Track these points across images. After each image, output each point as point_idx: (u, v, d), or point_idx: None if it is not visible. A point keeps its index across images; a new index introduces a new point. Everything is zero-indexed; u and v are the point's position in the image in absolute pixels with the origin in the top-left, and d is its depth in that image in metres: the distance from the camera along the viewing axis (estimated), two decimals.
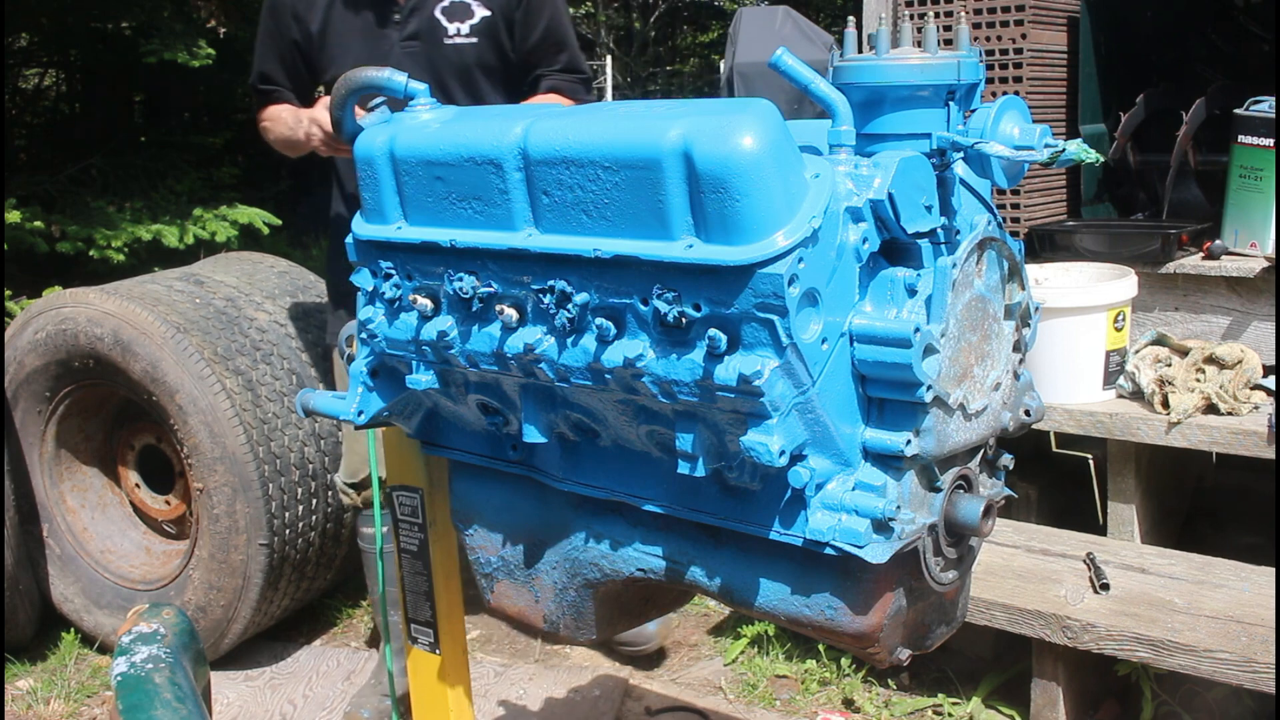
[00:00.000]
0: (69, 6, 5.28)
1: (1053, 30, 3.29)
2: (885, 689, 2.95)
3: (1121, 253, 3.06)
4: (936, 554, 1.33)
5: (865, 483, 1.25)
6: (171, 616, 1.47)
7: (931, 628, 1.43)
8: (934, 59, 1.28)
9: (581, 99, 2.64)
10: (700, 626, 3.36)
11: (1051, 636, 2.52)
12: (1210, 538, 3.09)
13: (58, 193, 4.96)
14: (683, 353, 1.23)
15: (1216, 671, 2.34)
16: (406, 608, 1.85)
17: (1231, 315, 2.98)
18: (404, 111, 1.55)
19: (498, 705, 2.98)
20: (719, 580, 1.40)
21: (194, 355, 2.98)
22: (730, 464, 1.30)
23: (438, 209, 1.43)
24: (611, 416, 1.38)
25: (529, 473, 1.55)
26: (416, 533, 1.80)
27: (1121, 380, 2.91)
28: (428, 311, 1.45)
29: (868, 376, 1.25)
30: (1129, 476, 2.88)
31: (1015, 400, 1.40)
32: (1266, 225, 2.92)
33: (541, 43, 2.63)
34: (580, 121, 1.30)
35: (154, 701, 0.98)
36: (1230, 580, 2.61)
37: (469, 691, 1.88)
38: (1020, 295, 1.38)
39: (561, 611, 1.60)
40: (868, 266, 1.24)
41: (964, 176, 1.31)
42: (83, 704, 3.10)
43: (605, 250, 1.26)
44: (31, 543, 3.32)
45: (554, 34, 2.64)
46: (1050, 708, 2.62)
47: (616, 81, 15.27)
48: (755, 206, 1.16)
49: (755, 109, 1.19)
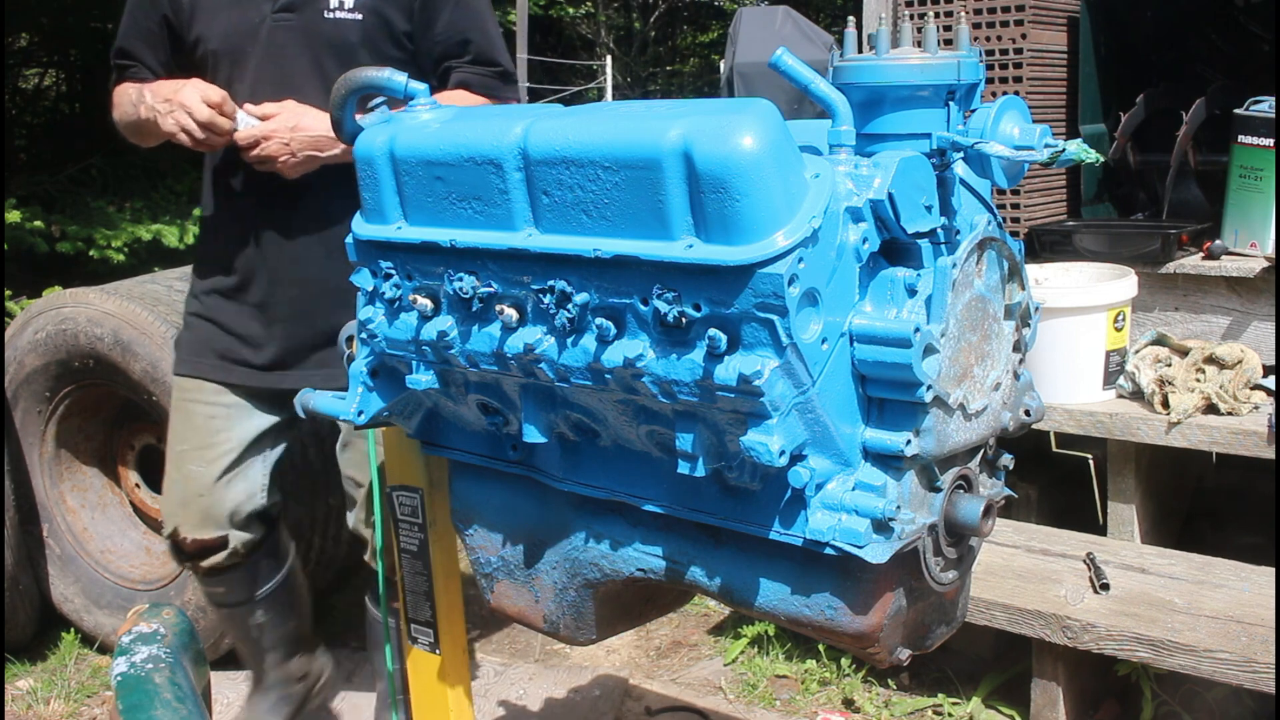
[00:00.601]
0: (69, 6, 5.28)
1: (1053, 30, 3.29)
2: (885, 689, 2.95)
3: (1121, 253, 3.06)
4: (936, 554, 1.33)
5: (865, 483, 1.25)
6: (171, 616, 1.47)
7: (931, 628, 1.43)
8: (934, 59, 1.28)
9: (499, 95, 2.36)
10: (700, 626, 3.37)
11: (1051, 636, 2.52)
12: (1210, 538, 3.09)
13: (58, 193, 4.96)
14: (683, 353, 1.23)
15: (1216, 671, 2.34)
16: (406, 608, 1.85)
17: (1231, 315, 2.98)
18: (404, 111, 1.55)
19: (498, 705, 2.98)
20: (719, 580, 1.40)
21: None
22: (730, 464, 1.30)
23: (438, 209, 1.43)
24: (611, 416, 1.38)
25: (529, 473, 1.55)
26: (416, 533, 1.80)
27: (1121, 380, 2.91)
28: (428, 311, 1.45)
29: (868, 376, 1.25)
30: (1129, 476, 2.88)
31: (1015, 400, 1.40)
32: (1266, 225, 2.92)
33: (446, 31, 2.34)
34: (580, 121, 1.30)
35: (154, 701, 0.98)
36: (1230, 580, 2.61)
37: (469, 691, 1.88)
38: (1020, 295, 1.38)
39: (561, 611, 1.60)
40: (868, 266, 1.24)
41: (964, 176, 1.31)
42: (83, 704, 3.10)
43: (605, 250, 1.26)
44: (31, 543, 3.32)
45: (460, 21, 2.35)
46: (1050, 708, 2.62)
47: (616, 81, 15.25)
48: (755, 206, 1.16)
49: (755, 109, 1.19)
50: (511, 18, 12.98)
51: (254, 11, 2.27)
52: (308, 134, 2.19)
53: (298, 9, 2.26)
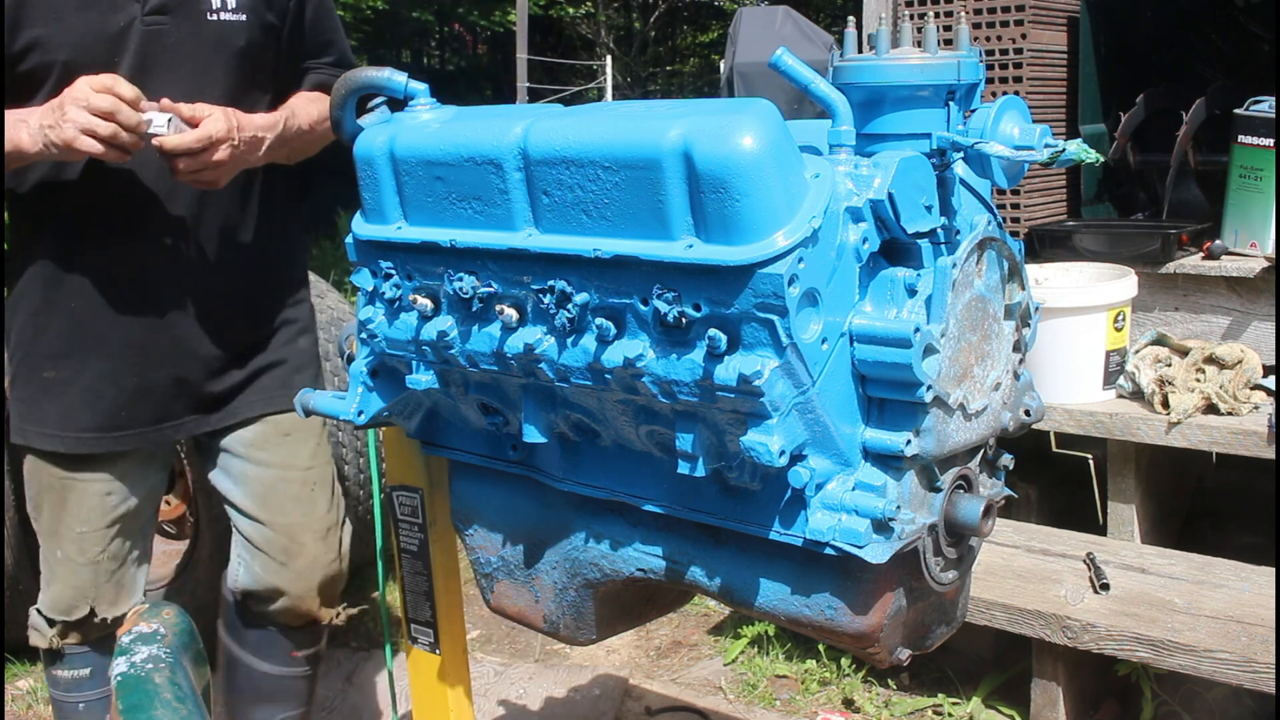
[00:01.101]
0: None
1: (1053, 30, 3.29)
2: (885, 689, 2.95)
3: (1121, 253, 3.06)
4: (936, 554, 1.33)
5: (865, 483, 1.25)
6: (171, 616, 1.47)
7: (931, 628, 1.43)
8: (934, 59, 1.28)
9: None
10: (700, 626, 3.37)
11: (1051, 636, 2.52)
12: (1210, 538, 3.09)
13: None
14: (683, 353, 1.23)
15: (1216, 671, 2.34)
16: (406, 608, 1.85)
17: (1231, 315, 2.98)
18: (404, 111, 1.55)
19: (498, 705, 2.98)
20: (719, 580, 1.40)
21: None
22: (730, 464, 1.30)
23: (438, 209, 1.43)
24: (611, 416, 1.38)
25: (529, 473, 1.55)
26: (416, 533, 1.80)
27: (1121, 380, 2.91)
28: (428, 311, 1.45)
29: (868, 376, 1.25)
30: (1129, 476, 2.88)
31: (1015, 400, 1.40)
32: (1266, 225, 2.92)
33: (313, 31, 2.20)
34: (580, 121, 1.30)
35: (154, 701, 0.98)
36: (1230, 580, 2.61)
37: (469, 691, 1.88)
38: (1020, 295, 1.38)
39: (561, 611, 1.60)
40: (868, 266, 1.24)
41: (964, 176, 1.31)
42: None
43: (605, 250, 1.26)
44: (32, 543, 3.31)
45: (324, 21, 2.22)
46: (1050, 708, 2.62)
47: (616, 81, 15.25)
48: (755, 206, 1.16)
49: (755, 109, 1.18)
50: (511, 18, 12.99)
51: (117, 15, 1.96)
52: (248, 134, 1.98)
53: (172, 10, 2.00)
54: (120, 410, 2.10)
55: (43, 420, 2.11)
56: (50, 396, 2.10)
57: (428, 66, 17.43)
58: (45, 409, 2.11)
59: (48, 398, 2.10)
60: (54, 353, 2.09)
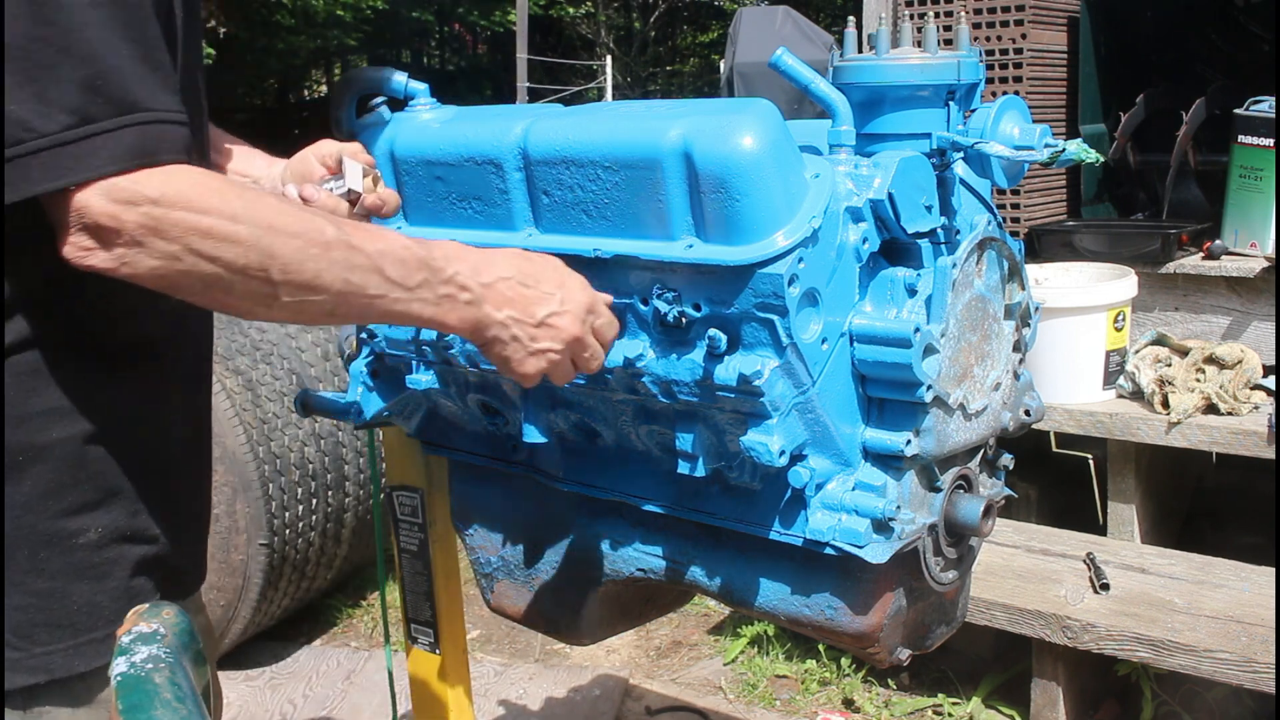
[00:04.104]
0: None
1: (1053, 30, 3.29)
2: (885, 689, 2.95)
3: (1121, 253, 3.06)
4: (936, 554, 1.33)
5: (865, 483, 1.25)
6: (172, 616, 1.47)
7: (931, 628, 1.43)
8: (934, 59, 1.28)
9: None
10: (700, 626, 3.36)
11: (1051, 636, 2.52)
12: (1210, 538, 3.09)
13: None
14: (683, 353, 1.23)
15: (1216, 671, 2.34)
16: (406, 608, 1.85)
17: (1231, 315, 2.98)
18: (404, 111, 1.55)
19: (498, 705, 2.98)
20: (719, 580, 1.40)
21: None
22: (730, 464, 1.30)
23: (438, 209, 1.43)
24: (612, 417, 1.38)
25: (529, 473, 1.55)
26: (416, 533, 1.80)
27: (1121, 380, 2.91)
28: None
29: (868, 376, 1.25)
30: (1129, 476, 2.88)
31: (1015, 400, 1.40)
32: (1266, 225, 2.92)
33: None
34: (580, 121, 1.30)
35: (154, 702, 0.97)
36: (1230, 580, 2.61)
37: (469, 691, 1.88)
38: (1020, 295, 1.38)
39: (561, 612, 1.60)
40: (868, 266, 1.24)
41: (964, 176, 1.31)
42: None
43: (605, 250, 1.26)
44: None
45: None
46: (1050, 708, 2.62)
47: (616, 81, 15.25)
48: (755, 206, 1.16)
49: (755, 109, 1.18)
50: (511, 18, 12.99)
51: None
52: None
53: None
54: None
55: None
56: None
57: (428, 66, 17.44)
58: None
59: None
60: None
